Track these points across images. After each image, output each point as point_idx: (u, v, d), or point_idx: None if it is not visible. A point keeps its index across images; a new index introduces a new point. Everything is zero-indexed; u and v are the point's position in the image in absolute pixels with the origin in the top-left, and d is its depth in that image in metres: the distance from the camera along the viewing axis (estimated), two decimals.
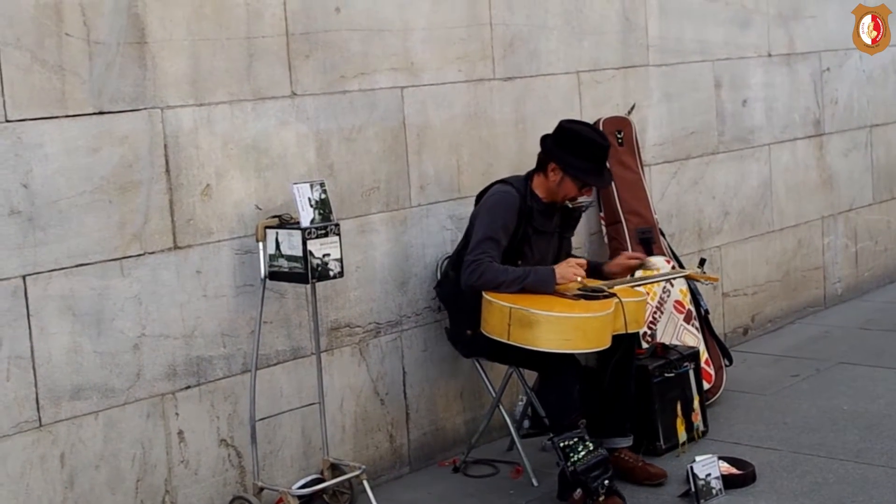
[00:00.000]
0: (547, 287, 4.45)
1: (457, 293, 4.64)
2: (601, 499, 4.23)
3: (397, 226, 4.86)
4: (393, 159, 4.83)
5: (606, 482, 4.25)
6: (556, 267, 4.52)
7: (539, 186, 4.65)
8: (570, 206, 4.68)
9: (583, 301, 4.43)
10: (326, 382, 4.52)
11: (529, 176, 4.70)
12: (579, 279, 4.48)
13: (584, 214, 5.64)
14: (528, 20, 5.39)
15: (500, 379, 4.96)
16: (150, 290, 4.06)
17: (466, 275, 4.46)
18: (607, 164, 4.71)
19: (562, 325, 4.30)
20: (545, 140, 4.69)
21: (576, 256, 4.81)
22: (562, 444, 4.29)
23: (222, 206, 4.26)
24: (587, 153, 4.59)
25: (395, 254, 4.85)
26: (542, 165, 4.65)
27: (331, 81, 4.59)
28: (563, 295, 4.45)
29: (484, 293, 4.42)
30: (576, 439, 4.28)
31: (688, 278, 5.44)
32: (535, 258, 4.62)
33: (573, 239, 4.83)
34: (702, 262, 5.33)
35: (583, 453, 4.26)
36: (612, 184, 5.64)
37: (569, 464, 4.26)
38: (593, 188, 5.21)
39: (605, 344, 4.36)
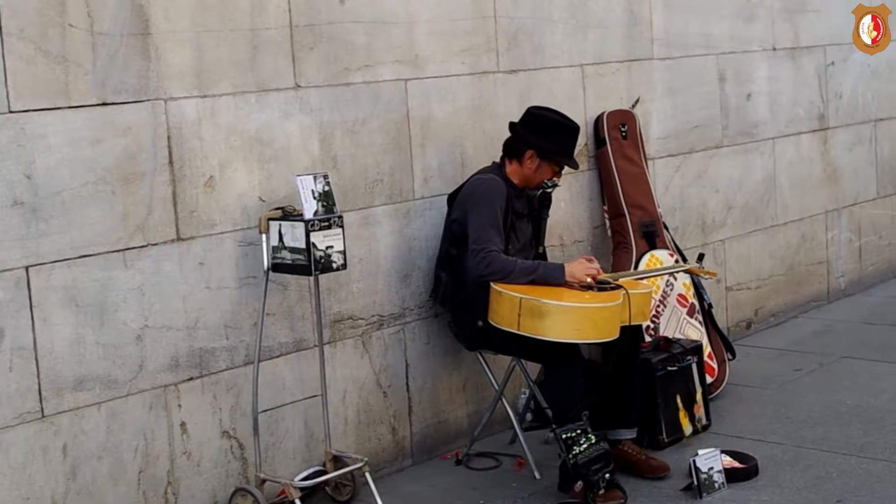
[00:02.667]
0: (556, 284, 4.47)
1: (455, 290, 4.65)
2: (601, 492, 4.24)
3: (401, 218, 4.85)
4: (397, 152, 4.83)
5: (607, 476, 4.25)
6: (566, 264, 4.54)
7: (514, 174, 4.71)
8: (549, 188, 4.77)
9: (591, 291, 4.45)
10: (329, 375, 4.52)
11: (501, 164, 4.74)
12: (588, 280, 4.49)
13: (588, 208, 5.68)
14: (532, 13, 5.38)
15: (502, 372, 4.96)
16: (153, 281, 4.06)
17: (475, 263, 4.46)
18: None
19: (573, 315, 4.30)
20: (516, 129, 4.75)
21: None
22: (564, 436, 4.29)
23: (225, 198, 4.26)
24: (561, 137, 4.72)
25: (399, 246, 4.85)
26: (515, 153, 4.71)
27: (335, 73, 4.59)
28: (571, 286, 4.47)
29: (492, 284, 4.42)
30: (578, 431, 4.28)
31: (687, 272, 5.45)
32: (519, 242, 4.68)
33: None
34: (700, 257, 5.34)
35: (585, 446, 4.26)
36: (616, 177, 5.65)
37: (570, 456, 4.26)
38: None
39: (615, 334, 4.37)
